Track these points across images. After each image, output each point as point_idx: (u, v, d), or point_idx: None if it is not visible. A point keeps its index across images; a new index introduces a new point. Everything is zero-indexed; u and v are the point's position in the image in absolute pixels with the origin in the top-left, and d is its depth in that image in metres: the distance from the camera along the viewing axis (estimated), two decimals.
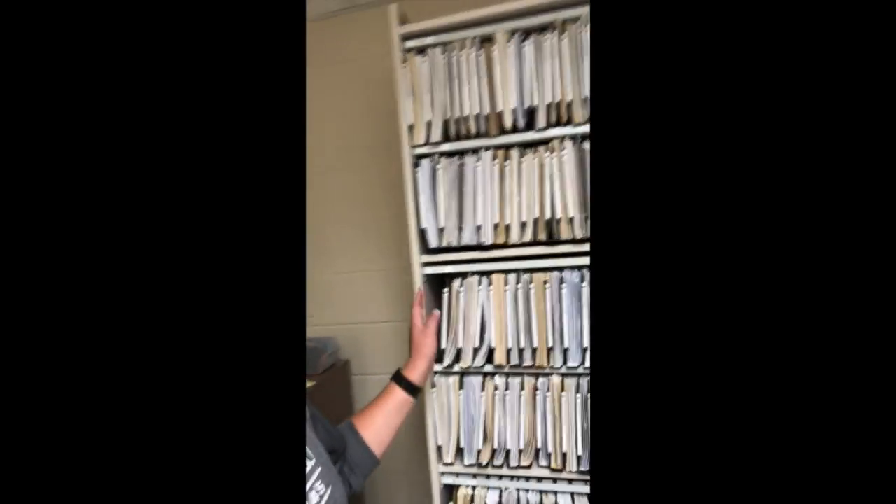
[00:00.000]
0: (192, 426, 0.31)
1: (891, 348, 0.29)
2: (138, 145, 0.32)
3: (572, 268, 0.85)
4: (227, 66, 0.33)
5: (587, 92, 0.81)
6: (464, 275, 0.91)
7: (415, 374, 0.82)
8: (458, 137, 0.90)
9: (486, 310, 0.89)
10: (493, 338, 0.88)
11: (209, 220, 0.33)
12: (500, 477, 0.91)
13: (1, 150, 0.29)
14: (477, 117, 0.87)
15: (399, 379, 0.82)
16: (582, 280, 0.84)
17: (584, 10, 0.82)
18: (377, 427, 0.78)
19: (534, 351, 0.86)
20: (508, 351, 0.88)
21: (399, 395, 0.81)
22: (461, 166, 0.89)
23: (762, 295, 0.31)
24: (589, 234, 0.83)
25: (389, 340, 1.54)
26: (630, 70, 0.34)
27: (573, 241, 0.84)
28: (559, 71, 0.83)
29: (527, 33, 0.86)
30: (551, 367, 0.86)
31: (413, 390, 0.81)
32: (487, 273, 0.90)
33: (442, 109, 0.89)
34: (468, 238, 0.89)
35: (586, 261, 0.84)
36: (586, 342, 0.83)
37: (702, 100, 0.33)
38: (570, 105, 0.82)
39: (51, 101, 0.31)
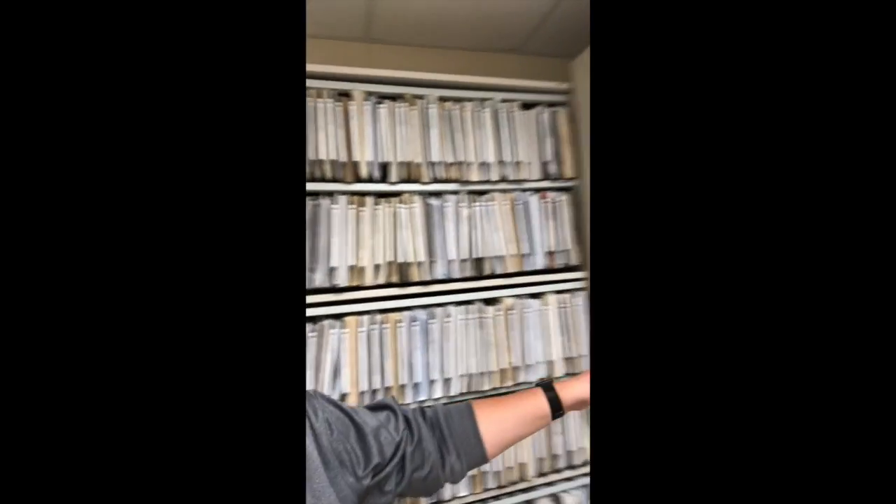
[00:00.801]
0: (189, 426, 0.31)
1: (891, 348, 0.28)
2: (138, 144, 0.31)
3: (421, 307, 0.94)
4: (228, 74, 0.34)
5: (433, 157, 0.96)
6: (314, 319, 0.88)
7: (567, 391, 0.65)
8: (314, 179, 0.90)
9: (341, 353, 0.87)
10: (345, 383, 0.86)
11: (210, 220, 0.32)
12: None
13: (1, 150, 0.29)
14: (333, 163, 0.90)
15: (547, 388, 0.65)
16: (429, 318, 0.93)
17: (431, 92, 0.99)
18: (502, 426, 0.61)
19: (387, 390, 0.89)
20: (362, 394, 0.88)
21: (541, 403, 0.63)
22: (316, 206, 0.89)
23: (763, 298, 0.31)
24: (433, 278, 0.94)
25: None
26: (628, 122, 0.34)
27: (422, 283, 0.94)
28: (408, 136, 0.96)
29: (382, 98, 0.96)
30: (405, 404, 0.89)
31: (557, 406, 0.64)
32: (340, 315, 0.89)
33: None
34: (320, 280, 0.87)
35: (434, 300, 0.94)
36: (433, 376, 0.91)
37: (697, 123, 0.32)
38: (418, 166, 0.96)
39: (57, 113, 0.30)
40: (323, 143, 0.89)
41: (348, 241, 0.89)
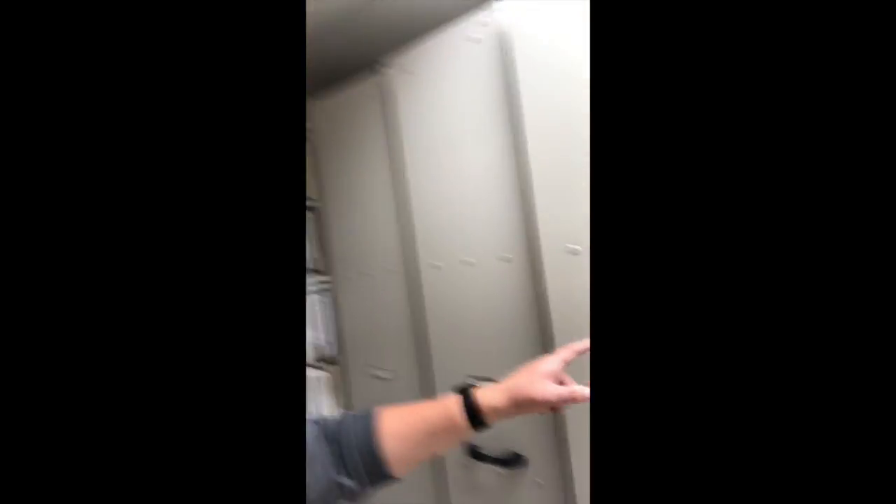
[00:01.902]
0: (189, 426, 0.31)
1: (891, 348, 0.28)
2: (137, 143, 0.32)
3: None
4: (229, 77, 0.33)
5: None
6: None
7: (487, 397, 0.53)
8: None
9: None
10: None
11: (211, 222, 0.32)
12: None
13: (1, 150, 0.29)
14: None
15: (465, 394, 0.54)
16: None
17: None
18: (409, 441, 0.52)
19: None
20: None
21: (455, 412, 0.52)
22: None
23: (764, 299, 0.30)
24: None
25: None
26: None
27: None
28: None
29: None
30: None
31: (475, 414, 0.53)
32: None
33: None
34: None
35: None
36: None
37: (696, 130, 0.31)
38: None
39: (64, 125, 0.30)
40: None
41: None
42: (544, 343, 0.86)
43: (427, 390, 1.06)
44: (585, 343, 0.57)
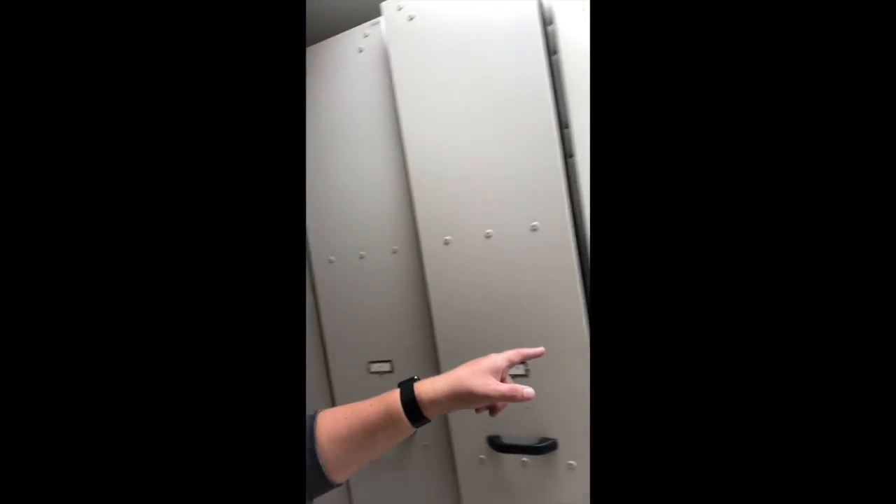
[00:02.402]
0: (189, 426, 0.31)
1: (891, 348, 0.28)
2: (137, 145, 0.32)
3: None
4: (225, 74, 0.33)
5: None
6: None
7: (427, 389, 0.52)
8: None
9: None
10: None
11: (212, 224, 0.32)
12: None
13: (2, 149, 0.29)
14: None
15: (405, 388, 0.53)
16: None
17: None
18: (346, 442, 0.50)
19: None
20: None
21: (393, 407, 0.51)
22: None
23: (765, 300, 0.30)
24: None
25: None
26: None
27: None
28: None
29: None
30: None
31: (413, 408, 0.51)
32: None
33: None
34: None
35: None
36: None
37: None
38: None
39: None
40: None
41: None
42: (430, 326, 0.95)
43: (325, 380, 1.12)
44: (537, 350, 0.59)
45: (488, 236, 0.86)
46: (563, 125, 0.81)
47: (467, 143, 0.86)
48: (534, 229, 0.82)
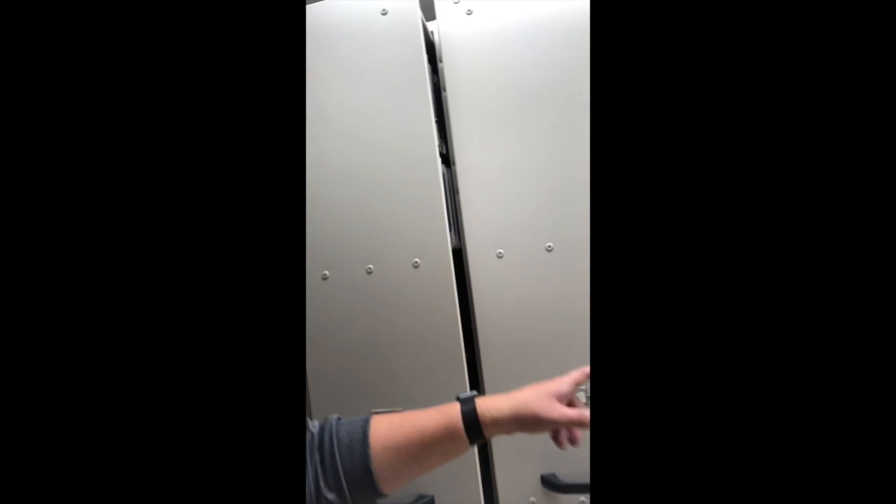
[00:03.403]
0: (189, 427, 0.31)
1: (891, 348, 0.28)
2: (137, 146, 0.32)
3: None
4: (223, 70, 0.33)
5: None
6: None
7: (490, 407, 0.49)
8: None
9: None
10: None
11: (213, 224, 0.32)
12: None
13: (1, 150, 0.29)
14: None
15: (466, 402, 0.49)
16: None
17: None
18: (401, 453, 0.47)
19: None
20: None
21: (452, 420, 0.48)
22: None
23: (766, 300, 0.30)
24: None
25: None
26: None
27: None
28: None
29: None
30: None
31: (473, 424, 0.48)
32: None
33: None
34: None
35: None
36: None
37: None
38: None
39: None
40: None
41: None
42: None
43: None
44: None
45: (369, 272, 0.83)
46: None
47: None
48: None
